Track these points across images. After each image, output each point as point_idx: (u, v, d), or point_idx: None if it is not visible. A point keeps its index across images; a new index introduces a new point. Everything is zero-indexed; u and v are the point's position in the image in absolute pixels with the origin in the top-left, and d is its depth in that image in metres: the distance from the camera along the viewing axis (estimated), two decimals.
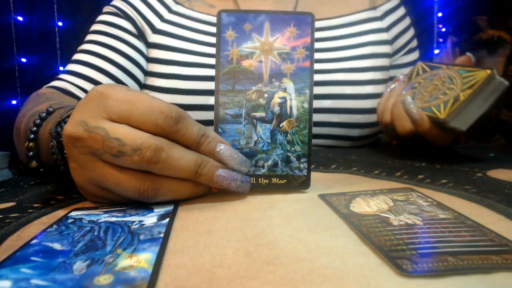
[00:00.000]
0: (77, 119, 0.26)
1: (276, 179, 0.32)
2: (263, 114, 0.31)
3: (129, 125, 0.26)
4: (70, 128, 0.26)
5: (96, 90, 0.27)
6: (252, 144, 0.31)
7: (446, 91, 0.45)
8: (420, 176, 0.36)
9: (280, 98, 0.31)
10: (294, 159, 0.32)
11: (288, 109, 0.31)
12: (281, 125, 0.31)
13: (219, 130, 0.31)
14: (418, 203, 0.27)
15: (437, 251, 0.19)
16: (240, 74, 0.31)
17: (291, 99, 0.31)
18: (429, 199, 0.28)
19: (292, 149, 0.32)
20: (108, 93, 0.27)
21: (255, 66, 0.31)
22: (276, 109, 0.31)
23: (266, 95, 0.31)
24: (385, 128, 0.53)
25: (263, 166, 0.32)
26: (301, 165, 0.32)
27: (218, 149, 0.29)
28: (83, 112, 0.27)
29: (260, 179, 0.32)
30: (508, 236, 0.21)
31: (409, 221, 0.24)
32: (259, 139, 0.31)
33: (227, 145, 0.29)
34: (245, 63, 0.31)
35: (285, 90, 0.31)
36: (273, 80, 0.31)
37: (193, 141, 0.28)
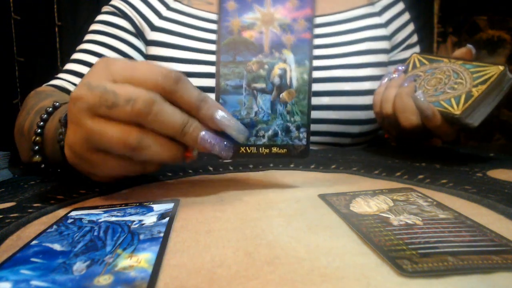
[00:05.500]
0: (83, 82, 0.28)
1: (276, 149, 0.32)
2: (263, 85, 0.32)
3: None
4: (76, 90, 0.28)
5: (101, 59, 0.29)
6: (253, 115, 0.32)
7: (454, 85, 0.44)
8: (420, 176, 0.36)
9: (280, 69, 0.32)
10: (294, 129, 0.32)
11: (288, 80, 0.32)
12: (281, 96, 0.32)
13: (221, 101, 0.32)
14: (418, 203, 0.27)
15: (437, 251, 0.19)
16: (240, 45, 0.31)
17: (291, 70, 0.32)
18: (429, 199, 0.28)
19: (292, 119, 0.32)
20: (112, 60, 0.29)
21: (255, 37, 0.31)
22: (276, 80, 0.32)
23: (266, 66, 0.32)
24: (384, 120, 0.52)
25: (263, 136, 0.32)
26: (301, 135, 0.32)
27: (216, 115, 0.29)
28: (89, 76, 0.29)
29: (261, 149, 0.32)
30: (508, 236, 0.21)
31: (409, 221, 0.24)
32: (260, 109, 0.32)
33: (225, 112, 0.30)
34: (246, 34, 0.31)
35: (285, 61, 0.32)
36: (274, 51, 0.32)
37: (192, 104, 0.28)
